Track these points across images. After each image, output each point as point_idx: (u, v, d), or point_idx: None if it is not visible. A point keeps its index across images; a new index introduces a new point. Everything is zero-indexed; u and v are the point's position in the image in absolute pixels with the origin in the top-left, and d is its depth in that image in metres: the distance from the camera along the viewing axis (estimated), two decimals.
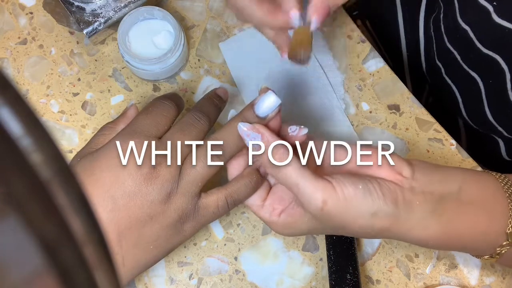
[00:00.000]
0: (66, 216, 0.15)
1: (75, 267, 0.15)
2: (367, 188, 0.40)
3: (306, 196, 0.39)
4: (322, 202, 0.39)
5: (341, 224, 0.40)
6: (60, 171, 0.15)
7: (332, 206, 0.39)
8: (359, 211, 0.39)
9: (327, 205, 0.39)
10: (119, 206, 0.40)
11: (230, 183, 0.44)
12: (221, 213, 0.44)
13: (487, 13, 0.49)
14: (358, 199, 0.39)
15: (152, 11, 0.54)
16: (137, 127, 0.43)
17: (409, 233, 0.41)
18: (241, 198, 0.43)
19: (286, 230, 0.43)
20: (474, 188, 0.43)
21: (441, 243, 0.43)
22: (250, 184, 0.43)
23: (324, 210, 0.39)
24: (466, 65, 0.57)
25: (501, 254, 0.43)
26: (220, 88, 0.49)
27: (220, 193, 0.43)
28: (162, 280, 0.52)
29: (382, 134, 0.56)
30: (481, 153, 0.61)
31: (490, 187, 0.43)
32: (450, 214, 0.41)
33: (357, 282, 0.49)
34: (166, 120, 0.44)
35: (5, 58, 0.58)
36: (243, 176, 0.43)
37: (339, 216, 0.39)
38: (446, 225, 0.41)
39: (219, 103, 0.47)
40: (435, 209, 0.41)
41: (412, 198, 0.41)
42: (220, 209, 0.43)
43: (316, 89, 0.57)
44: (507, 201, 0.42)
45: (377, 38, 0.75)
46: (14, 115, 0.14)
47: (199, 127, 0.43)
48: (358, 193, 0.39)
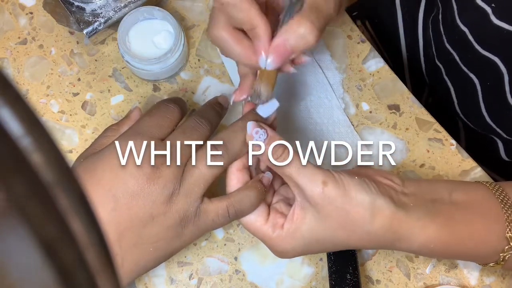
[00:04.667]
0: (66, 217, 0.15)
1: (76, 268, 0.15)
2: (364, 181, 0.41)
3: (307, 180, 0.40)
4: (322, 183, 0.40)
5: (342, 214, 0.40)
6: (60, 171, 0.15)
7: (332, 188, 0.40)
8: (359, 198, 0.40)
9: (327, 187, 0.40)
10: (121, 206, 0.40)
11: (233, 193, 0.43)
12: (221, 222, 0.43)
13: (486, 15, 0.49)
14: (356, 187, 0.40)
15: (152, 11, 0.54)
16: (141, 128, 0.43)
17: (411, 234, 0.41)
18: (243, 209, 0.43)
19: (289, 244, 0.42)
20: (464, 195, 0.44)
21: (443, 248, 0.43)
22: (254, 195, 0.43)
23: (325, 193, 0.40)
24: (465, 66, 0.57)
25: (505, 260, 0.43)
26: (222, 96, 0.49)
27: (222, 201, 0.42)
28: (162, 280, 0.52)
29: (382, 134, 0.56)
30: (480, 153, 0.61)
31: (480, 194, 0.44)
32: (445, 215, 0.42)
33: (357, 282, 0.49)
34: (170, 123, 0.44)
35: (5, 58, 0.58)
36: (246, 187, 0.43)
37: (339, 199, 0.40)
38: (444, 227, 0.42)
39: (220, 110, 0.47)
40: (429, 211, 0.42)
41: (406, 200, 0.42)
42: (220, 217, 0.42)
43: (315, 89, 0.57)
44: (500, 205, 0.43)
45: (377, 38, 0.75)
46: (14, 115, 0.14)
47: (201, 131, 0.44)
48: (355, 181, 0.41)
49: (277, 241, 0.42)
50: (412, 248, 0.43)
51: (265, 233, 0.43)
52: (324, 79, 0.57)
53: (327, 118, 0.56)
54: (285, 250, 0.43)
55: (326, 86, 0.57)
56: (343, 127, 0.56)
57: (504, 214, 0.42)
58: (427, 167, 0.55)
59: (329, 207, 0.40)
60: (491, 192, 0.44)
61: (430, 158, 0.55)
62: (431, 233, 0.41)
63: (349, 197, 0.40)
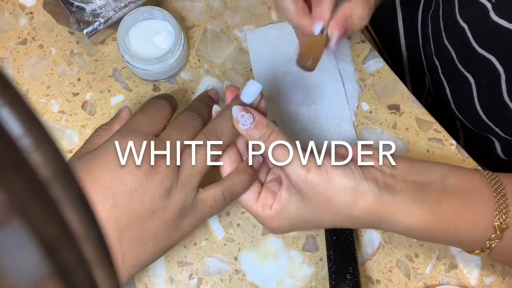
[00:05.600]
0: (66, 216, 0.15)
1: (75, 267, 0.15)
2: (348, 167, 0.42)
3: (292, 167, 0.42)
4: (306, 169, 0.41)
5: (325, 199, 0.42)
6: (60, 170, 0.15)
7: (315, 174, 0.41)
8: (341, 184, 0.41)
9: (310, 172, 0.41)
10: (120, 203, 0.41)
11: (226, 178, 0.45)
12: (219, 207, 0.44)
13: (486, 11, 0.49)
14: (339, 173, 0.41)
15: (152, 11, 0.54)
16: (135, 125, 0.44)
17: (394, 217, 0.42)
18: (237, 192, 0.44)
19: (277, 222, 0.44)
20: (457, 180, 0.44)
21: (428, 232, 0.43)
22: (245, 178, 0.44)
23: (308, 178, 0.41)
24: (461, 65, 0.57)
25: (491, 248, 0.43)
26: (212, 89, 0.50)
27: (217, 187, 0.44)
28: (162, 280, 0.52)
29: (382, 134, 0.56)
30: (478, 152, 0.61)
31: (474, 181, 0.44)
32: (433, 201, 0.42)
33: (357, 282, 0.49)
34: (162, 119, 0.45)
35: (5, 58, 0.58)
36: (238, 171, 0.45)
37: (322, 185, 0.41)
38: (430, 212, 0.42)
39: (211, 103, 0.48)
40: (417, 195, 0.42)
41: (393, 183, 0.42)
42: (218, 202, 0.44)
43: (330, 97, 0.57)
44: (493, 194, 0.43)
45: (377, 39, 0.75)
46: (14, 115, 0.14)
47: (194, 125, 0.45)
48: (339, 168, 0.42)
49: (267, 220, 0.44)
50: (395, 230, 0.44)
51: (255, 211, 0.45)
52: (342, 89, 0.57)
53: (334, 127, 0.56)
54: (274, 227, 0.45)
55: (342, 97, 0.57)
56: (349, 140, 0.56)
57: (496, 203, 0.43)
58: None
59: (312, 192, 0.42)
60: (487, 181, 0.44)
61: (430, 158, 0.55)
62: (416, 217, 0.42)
63: (332, 183, 0.41)
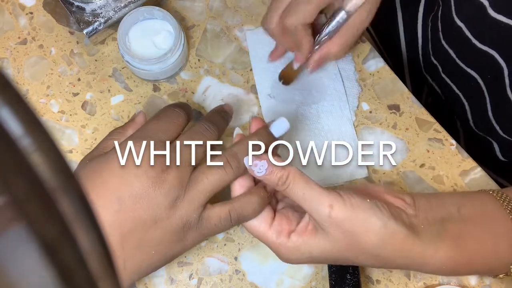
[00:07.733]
0: (66, 217, 0.15)
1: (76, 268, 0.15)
2: (375, 203, 0.40)
3: (313, 203, 0.40)
4: (328, 206, 0.39)
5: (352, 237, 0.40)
6: (60, 171, 0.15)
7: (339, 211, 0.39)
8: (368, 220, 0.39)
9: (333, 210, 0.39)
10: (125, 208, 0.40)
11: (236, 198, 0.43)
12: (224, 227, 0.43)
13: (483, 9, 0.49)
14: (366, 209, 0.40)
15: (152, 11, 0.54)
16: (148, 132, 0.43)
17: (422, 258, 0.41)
18: (246, 214, 0.43)
19: (294, 255, 0.42)
20: (472, 208, 0.44)
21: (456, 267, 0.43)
22: (257, 201, 0.43)
23: (332, 216, 0.39)
24: (462, 63, 0.57)
25: None
26: (226, 104, 0.50)
27: (224, 206, 0.43)
28: (162, 280, 0.52)
29: (382, 134, 0.56)
30: (479, 153, 0.61)
31: (488, 205, 0.44)
32: (455, 234, 0.42)
33: (357, 282, 0.49)
34: (176, 128, 0.44)
35: (5, 58, 0.58)
36: (250, 192, 0.43)
37: (348, 222, 0.39)
38: (454, 247, 0.42)
39: (226, 117, 0.48)
40: (439, 232, 0.42)
41: (417, 223, 0.41)
42: (223, 221, 0.42)
43: (331, 96, 0.57)
44: (509, 217, 0.43)
45: (377, 39, 0.75)
46: (14, 115, 0.14)
47: (208, 136, 0.44)
48: (366, 204, 0.40)
49: (281, 249, 0.42)
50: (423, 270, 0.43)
51: (269, 238, 0.43)
52: (342, 88, 0.57)
53: (334, 126, 0.56)
54: (289, 259, 0.43)
55: (342, 96, 0.57)
56: (349, 139, 0.55)
57: None
58: (427, 167, 0.55)
59: (337, 231, 0.40)
60: (498, 203, 0.44)
61: (430, 158, 0.55)
62: (442, 255, 0.41)
63: (358, 220, 0.39)
